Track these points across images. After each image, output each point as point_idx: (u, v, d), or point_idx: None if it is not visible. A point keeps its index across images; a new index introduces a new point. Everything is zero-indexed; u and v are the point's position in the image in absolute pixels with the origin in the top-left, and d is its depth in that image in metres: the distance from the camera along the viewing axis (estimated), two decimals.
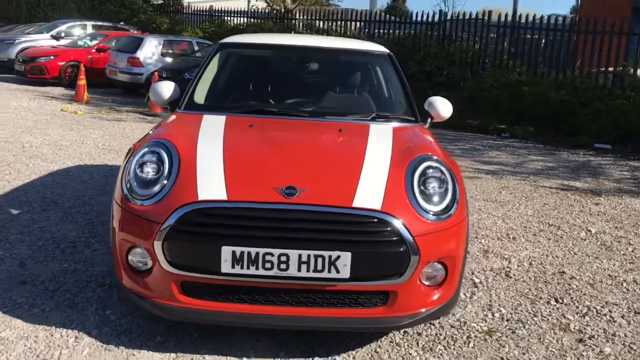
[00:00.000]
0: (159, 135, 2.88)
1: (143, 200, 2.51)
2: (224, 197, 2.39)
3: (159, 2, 21.13)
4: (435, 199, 2.59)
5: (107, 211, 4.40)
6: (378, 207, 2.41)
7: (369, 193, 2.46)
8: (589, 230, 4.80)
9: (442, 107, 3.66)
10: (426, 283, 2.54)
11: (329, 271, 2.33)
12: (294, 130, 3.16)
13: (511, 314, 3.14)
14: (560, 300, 3.36)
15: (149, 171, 2.61)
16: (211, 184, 2.45)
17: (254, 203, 2.39)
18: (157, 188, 2.53)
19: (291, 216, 2.37)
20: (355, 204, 2.40)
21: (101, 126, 8.76)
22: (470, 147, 9.17)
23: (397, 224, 2.39)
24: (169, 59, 12.94)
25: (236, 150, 2.72)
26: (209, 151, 2.68)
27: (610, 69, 10.73)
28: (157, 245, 2.37)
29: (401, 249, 2.37)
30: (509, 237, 4.51)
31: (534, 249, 4.26)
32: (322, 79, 3.94)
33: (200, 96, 3.53)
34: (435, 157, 2.77)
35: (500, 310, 3.17)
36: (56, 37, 16.04)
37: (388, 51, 3.94)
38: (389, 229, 2.38)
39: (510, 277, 3.68)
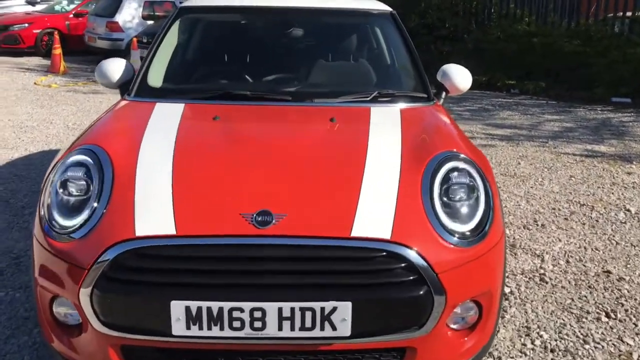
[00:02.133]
0: (90, 138, 2.18)
1: (66, 233, 1.84)
2: (171, 230, 1.72)
3: None
4: (464, 214, 1.91)
5: None
6: (386, 235, 1.74)
7: (373, 215, 1.78)
8: (628, 210, 4.13)
9: (460, 77, 2.94)
10: (454, 327, 1.89)
11: (322, 328, 1.67)
12: (270, 124, 2.42)
13: (556, 340, 2.50)
14: (613, 315, 2.72)
15: (74, 191, 1.93)
16: (154, 211, 1.77)
17: (213, 238, 1.72)
18: (84, 215, 1.85)
19: (266, 253, 1.70)
20: (354, 233, 1.72)
21: (75, 100, 8.02)
22: (479, 107, 8.43)
23: (414, 257, 1.72)
24: (151, 22, 12.03)
25: (191, 159, 2.02)
26: (155, 160, 1.98)
27: (629, 13, 9.88)
28: (84, 298, 1.72)
29: (421, 292, 1.71)
30: (537, 224, 3.85)
31: (569, 240, 3.60)
32: (308, 49, 3.15)
33: (155, 77, 2.78)
34: (461, 155, 2.07)
35: (541, 336, 2.53)
36: (31, 2, 15.09)
37: (390, 9, 3.14)
38: (402, 265, 1.71)
39: (547, 283, 3.03)
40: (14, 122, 6.58)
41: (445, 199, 1.92)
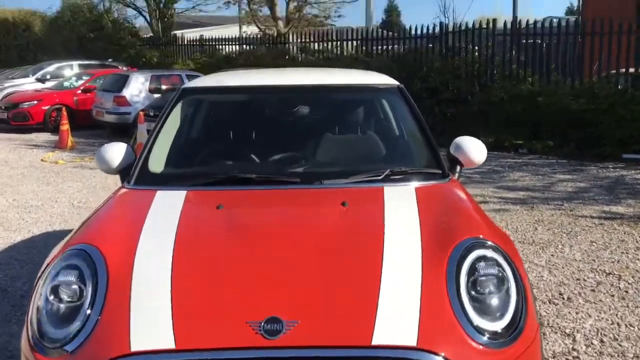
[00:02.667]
0: (83, 236, 2.04)
1: (56, 347, 1.67)
2: (169, 344, 1.55)
3: (149, 35, 20.52)
4: (494, 309, 1.74)
5: None
6: (412, 341, 1.56)
7: (396, 318, 1.61)
8: None
9: (474, 149, 2.81)
10: None
11: None
12: (278, 212, 2.28)
13: None
14: None
15: (65, 297, 1.78)
16: (151, 323, 1.61)
17: (217, 351, 1.54)
18: (76, 325, 1.69)
19: None
20: (376, 340, 1.55)
21: (82, 177, 7.97)
22: (489, 168, 8.31)
23: None
24: (157, 95, 12.17)
25: (192, 260, 1.86)
26: (153, 262, 1.83)
27: (631, 70, 9.90)
28: None
29: None
30: (563, 298, 3.63)
31: (599, 315, 3.38)
32: (314, 127, 3.03)
33: (156, 162, 2.66)
34: (487, 242, 1.91)
35: None
36: (41, 80, 15.36)
37: (397, 83, 3.05)
38: None
39: None
40: (19, 201, 6.50)
41: (473, 292, 1.75)
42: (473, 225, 2.07)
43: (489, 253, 1.86)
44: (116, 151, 2.74)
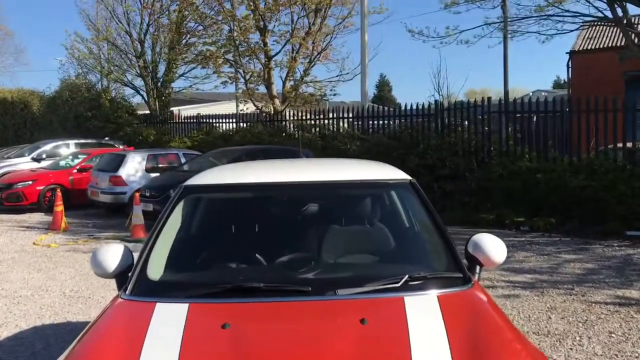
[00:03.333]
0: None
1: None
2: None
3: (145, 112, 20.75)
4: None
5: None
6: None
7: None
8: None
9: (494, 248, 2.65)
10: None
11: None
12: (291, 333, 2.07)
13: None
14: None
15: None
16: None
17: None
18: None
19: None
20: None
21: (74, 262, 7.72)
22: None
23: None
24: (155, 174, 12.10)
25: None
26: None
27: (629, 144, 9.94)
28: None
29: None
30: None
31: None
32: (324, 227, 2.83)
33: (156, 267, 2.48)
34: None
35: None
36: (37, 159, 15.33)
37: (409, 178, 2.92)
38: None
39: None
40: (7, 291, 6.23)
41: None
42: (512, 349, 1.87)
43: None
44: (112, 254, 2.57)
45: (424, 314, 2.07)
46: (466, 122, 11.92)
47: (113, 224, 10.94)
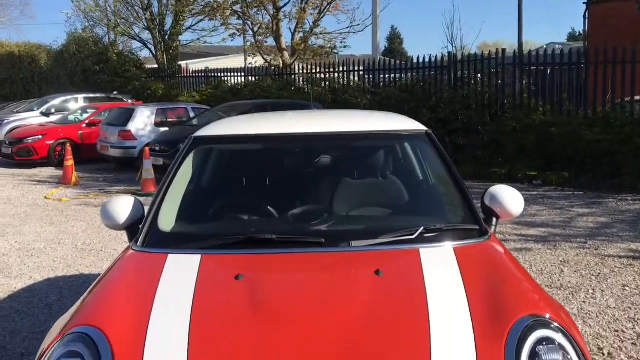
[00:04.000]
0: (87, 314, 1.81)
1: None
2: None
3: (153, 66, 20.54)
4: None
5: None
6: None
7: None
8: None
9: (511, 200, 2.59)
10: None
11: None
12: (305, 284, 2.03)
13: None
14: None
15: None
16: None
17: None
18: None
19: None
20: None
21: (86, 215, 7.76)
22: None
23: None
24: (164, 129, 12.03)
25: (210, 347, 1.63)
26: (166, 349, 1.60)
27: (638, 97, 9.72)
28: None
29: None
30: (603, 353, 3.36)
31: None
32: (338, 179, 2.75)
33: (167, 219, 2.43)
34: (550, 321, 1.67)
35: None
36: (46, 114, 15.30)
37: (425, 129, 2.83)
38: None
39: None
40: (21, 244, 6.28)
41: None
42: (528, 299, 1.83)
43: (552, 334, 1.63)
44: (123, 206, 2.52)
45: (440, 265, 2.02)
46: (479, 75, 11.70)
47: (123, 178, 10.96)
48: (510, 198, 2.57)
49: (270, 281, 2.03)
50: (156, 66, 20.33)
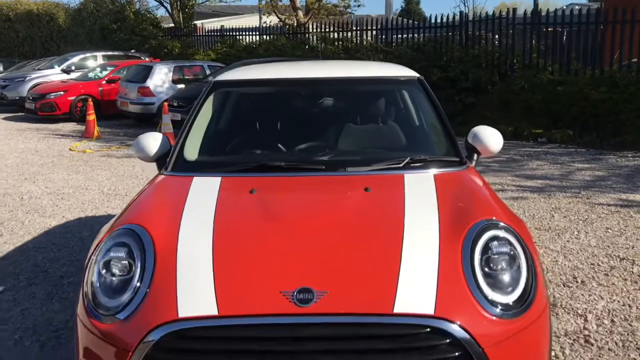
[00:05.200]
0: (131, 217, 2.24)
1: (109, 314, 1.86)
2: (213, 310, 1.73)
3: (169, 25, 20.77)
4: (506, 284, 1.90)
5: None
6: (430, 310, 1.73)
7: (415, 290, 1.78)
8: None
9: (491, 138, 2.95)
10: None
11: None
12: (306, 197, 2.45)
13: None
14: None
15: (117, 272, 1.97)
16: (196, 292, 1.80)
17: (255, 317, 1.73)
18: (127, 296, 1.88)
19: (308, 333, 1.70)
20: (397, 309, 1.72)
21: (109, 165, 8.23)
22: (507, 157, 8.39)
23: (459, 331, 1.71)
24: (181, 86, 12.41)
25: (230, 237, 2.06)
26: (195, 239, 2.02)
27: None
28: None
29: None
30: (577, 281, 3.76)
31: (611, 297, 3.51)
32: (339, 117, 3.22)
33: (191, 151, 2.86)
34: (500, 223, 2.07)
35: None
36: (67, 71, 15.71)
37: (417, 75, 3.20)
38: (448, 340, 1.70)
39: (592, 345, 2.94)
40: (51, 189, 6.76)
41: (486, 269, 1.91)
42: (487, 209, 2.22)
43: (502, 233, 2.02)
44: (153, 140, 2.94)
45: (419, 185, 2.41)
46: (490, 35, 11.86)
47: (142, 133, 11.38)
48: (490, 137, 2.93)
49: (278, 195, 2.45)
50: (172, 25, 20.56)
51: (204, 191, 2.39)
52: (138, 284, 1.90)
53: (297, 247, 1.98)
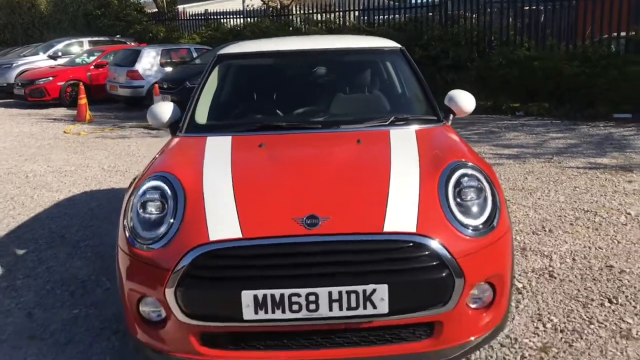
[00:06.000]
0: (160, 167, 2.61)
1: (149, 244, 2.25)
2: (238, 234, 2.13)
3: (153, 10, 20.86)
4: (475, 211, 2.31)
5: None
6: (412, 229, 2.14)
7: (401, 214, 2.18)
8: (629, 214, 4.49)
9: (465, 100, 3.36)
10: (473, 307, 2.26)
11: (365, 307, 2.06)
12: (308, 147, 2.87)
13: (564, 323, 2.86)
14: (615, 301, 3.07)
15: (152, 210, 2.35)
16: (223, 220, 2.19)
17: (273, 238, 2.12)
18: (163, 229, 2.27)
19: (316, 249, 2.10)
20: (386, 229, 2.13)
21: (105, 146, 8.54)
22: (486, 130, 8.85)
23: (436, 245, 2.12)
24: (168, 69, 12.68)
25: (247, 178, 2.46)
26: (217, 181, 2.41)
27: (623, 34, 10.35)
28: (170, 294, 2.12)
29: (443, 274, 2.10)
30: (545, 230, 4.21)
31: (574, 241, 3.96)
32: (331, 84, 3.63)
33: (201, 116, 3.25)
34: (469, 163, 2.48)
35: (551, 320, 2.89)
36: (53, 57, 15.84)
37: (399, 46, 3.62)
38: (427, 252, 2.11)
39: (555, 278, 3.39)
40: (53, 167, 7.08)
41: (458, 199, 2.32)
42: (459, 154, 2.63)
43: (470, 171, 2.43)
44: (165, 109, 3.30)
45: (403, 137, 2.83)
46: (469, 13, 12.26)
47: (133, 116, 11.66)
48: (463, 99, 3.35)
49: (284, 146, 2.86)
50: (156, 10, 20.66)
51: (219, 146, 2.78)
52: (172, 220, 2.28)
53: (303, 182, 2.38)
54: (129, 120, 11.12)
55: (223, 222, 2.18)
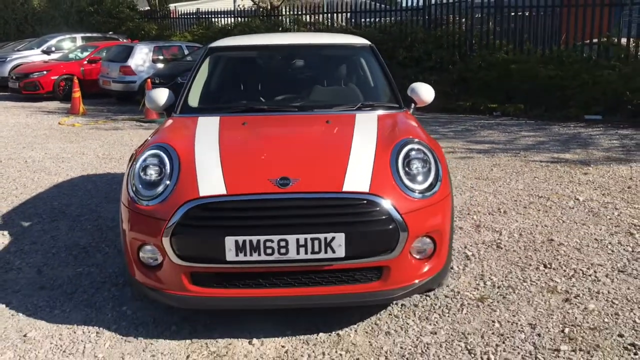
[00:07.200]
0: (158, 139, 3.07)
1: (148, 200, 2.70)
2: (223, 191, 2.58)
3: (146, 8, 21.25)
4: (420, 178, 2.78)
5: (114, 217, 4.60)
6: (366, 189, 2.60)
7: (357, 177, 2.65)
8: (577, 199, 4.99)
9: (424, 92, 3.84)
10: (417, 256, 2.73)
11: (326, 252, 2.52)
12: (284, 124, 3.35)
13: (502, 281, 3.34)
14: (549, 266, 3.55)
15: (152, 173, 2.80)
16: (211, 181, 2.64)
17: (251, 195, 2.58)
18: (160, 188, 2.72)
19: (287, 204, 2.57)
20: (345, 189, 2.59)
21: (99, 136, 8.94)
22: (463, 128, 9.34)
23: (386, 203, 2.58)
24: (160, 65, 13.10)
25: (231, 147, 2.92)
26: (206, 150, 2.87)
27: (595, 40, 10.90)
28: (166, 241, 2.57)
29: (390, 227, 2.57)
30: (500, 211, 4.70)
31: (524, 221, 4.45)
32: (308, 74, 4.13)
33: (194, 100, 3.72)
34: (417, 140, 2.96)
35: (491, 279, 3.37)
36: (47, 52, 16.18)
37: (369, 43, 4.12)
38: (377, 209, 2.57)
39: (501, 248, 3.87)
40: (50, 154, 7.48)
41: (407, 168, 2.80)
42: (411, 133, 3.11)
43: (417, 146, 2.91)
44: (161, 94, 3.75)
45: (366, 119, 3.32)
46: (451, 17, 12.79)
47: (126, 110, 12.06)
48: (423, 91, 3.83)
49: (263, 125, 3.34)
50: (148, 8, 21.04)
51: (208, 124, 3.25)
52: (168, 182, 2.74)
53: (278, 151, 2.87)
54: (121, 114, 11.51)
55: (211, 182, 2.64)
